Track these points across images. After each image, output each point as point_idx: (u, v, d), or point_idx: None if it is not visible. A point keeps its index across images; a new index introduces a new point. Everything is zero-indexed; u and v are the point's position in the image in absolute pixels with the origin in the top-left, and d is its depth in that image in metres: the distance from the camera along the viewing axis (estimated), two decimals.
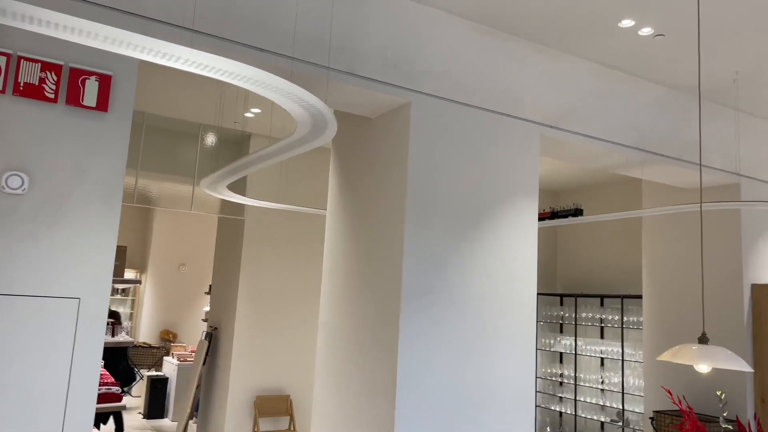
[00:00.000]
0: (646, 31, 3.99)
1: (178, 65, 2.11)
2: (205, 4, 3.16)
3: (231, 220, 6.87)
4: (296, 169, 6.75)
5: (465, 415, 3.79)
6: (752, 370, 2.24)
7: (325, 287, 4.61)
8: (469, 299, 3.90)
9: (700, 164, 2.63)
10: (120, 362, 5.33)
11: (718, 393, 2.24)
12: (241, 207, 6.52)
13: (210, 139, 6.67)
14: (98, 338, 2.79)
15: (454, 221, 3.90)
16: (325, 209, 5.70)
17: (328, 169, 6.93)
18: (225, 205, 6.85)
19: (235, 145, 7.03)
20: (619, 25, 3.93)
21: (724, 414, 2.31)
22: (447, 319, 3.80)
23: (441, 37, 3.94)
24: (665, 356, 2.24)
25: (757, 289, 5.24)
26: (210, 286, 8.34)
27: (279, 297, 6.58)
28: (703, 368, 2.16)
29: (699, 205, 4.52)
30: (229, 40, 3.19)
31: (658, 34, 4.02)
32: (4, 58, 2.69)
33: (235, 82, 2.23)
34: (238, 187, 6.33)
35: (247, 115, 5.91)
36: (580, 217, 5.71)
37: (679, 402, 2.47)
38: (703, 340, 2.23)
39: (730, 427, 2.30)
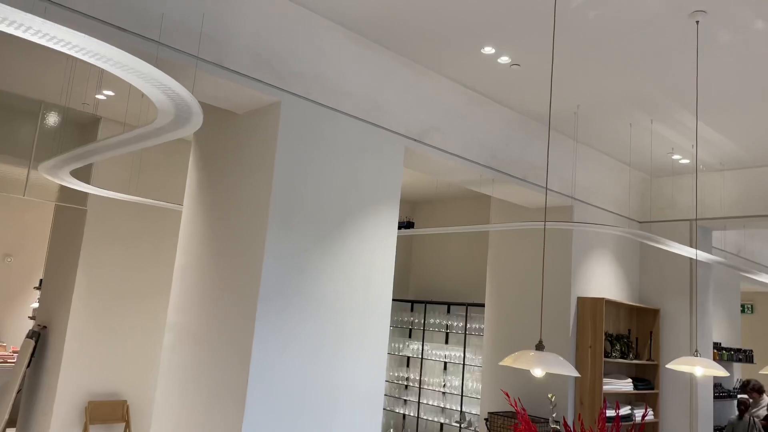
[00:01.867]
0: (504, 59, 4.30)
1: (28, 36, 1.90)
2: None
3: (70, 209, 6.28)
4: (150, 159, 6.35)
5: (314, 417, 3.80)
6: (579, 375, 2.50)
7: (176, 286, 4.39)
8: (326, 302, 3.92)
9: (546, 187, 2.89)
10: None
11: (549, 396, 2.48)
12: (83, 195, 5.99)
13: (52, 119, 6.07)
14: None
15: (318, 225, 3.91)
16: (181, 204, 5.43)
17: (185, 161, 6.60)
18: (64, 192, 6.26)
19: (82, 127, 6.46)
20: (482, 51, 4.20)
21: (554, 415, 2.55)
22: (303, 322, 3.79)
23: (315, 39, 3.94)
24: (506, 361, 2.42)
25: (581, 301, 5.85)
26: (41, 280, 7.56)
27: (121, 295, 6.13)
28: (539, 373, 2.38)
29: (543, 223, 4.94)
30: (87, 15, 2.93)
31: (515, 63, 4.35)
32: None
33: (96, 62, 2.06)
34: (81, 174, 5.82)
35: (99, 97, 5.46)
36: (435, 228, 5.99)
37: (515, 403, 2.69)
38: (539, 347, 2.45)
39: (558, 427, 2.55)
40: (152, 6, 3.16)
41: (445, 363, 7.66)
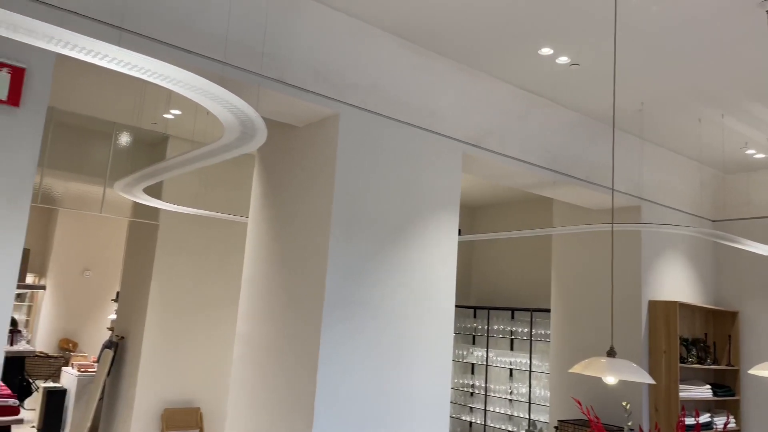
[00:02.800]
0: (563, 59, 4.23)
1: (105, 63, 2.02)
2: (131, 2, 3.04)
3: (143, 224, 6.58)
4: (216, 174, 6.58)
5: (381, 425, 3.82)
6: (654, 382, 2.42)
7: (244, 297, 4.52)
8: (390, 311, 3.94)
9: (612, 188, 2.82)
10: (15, 373, 4.94)
11: (624, 403, 2.40)
12: (155, 211, 6.27)
13: (124, 138, 6.39)
14: None
15: (378, 233, 3.95)
16: (246, 217, 5.59)
17: (249, 175, 6.80)
18: (137, 208, 6.57)
19: (151, 146, 6.76)
20: (539, 52, 4.15)
21: (629, 423, 2.47)
22: (368, 331, 3.83)
23: (370, 51, 3.99)
24: (577, 368, 2.37)
25: (652, 305, 5.64)
26: (117, 293, 7.93)
27: (193, 306, 6.36)
28: (611, 380, 2.31)
29: (611, 225, 4.81)
30: (156, 40, 3.08)
31: (574, 63, 4.27)
32: None
33: (167, 85, 2.16)
34: (153, 190, 6.09)
35: (167, 116, 5.71)
36: (496, 233, 5.92)
37: (588, 411, 2.62)
38: (611, 353, 2.38)
39: None
40: (216, 29, 3.29)
41: (511, 370, 7.54)
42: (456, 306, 8.06)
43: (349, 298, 3.76)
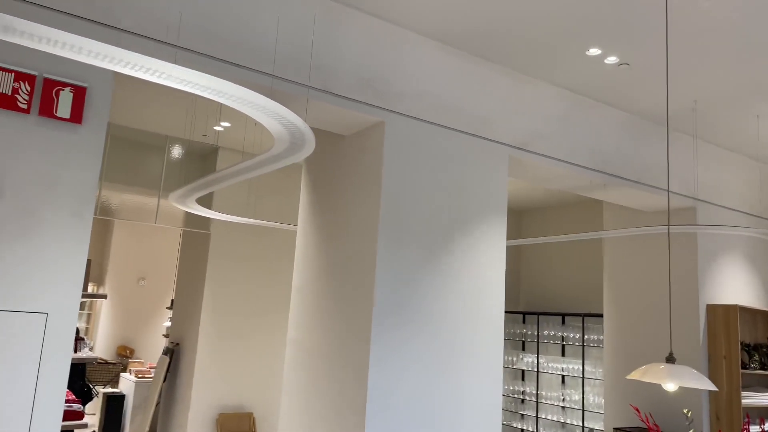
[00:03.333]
0: (611, 59, 4.15)
1: (162, 80, 2.10)
2: (184, 20, 3.15)
3: (196, 233, 6.77)
4: (264, 183, 6.72)
5: None
6: (716, 389, 2.34)
7: (294, 304, 4.59)
8: (439, 317, 3.94)
9: (668, 189, 2.74)
10: (76, 379, 5.15)
11: (685, 411, 2.33)
12: (206, 220, 6.44)
13: (177, 151, 6.59)
14: (66, 355, 2.72)
15: (426, 239, 3.95)
16: (294, 225, 5.68)
17: (297, 184, 6.91)
18: (189, 218, 6.76)
19: (202, 158, 6.96)
20: (587, 53, 4.08)
21: (691, 431, 2.40)
22: (417, 337, 3.83)
23: (415, 58, 4.01)
24: (635, 375, 2.32)
25: (711, 309, 5.45)
26: (172, 300, 8.16)
27: (244, 313, 6.50)
28: (671, 387, 2.25)
29: (666, 227, 4.68)
30: (208, 56, 3.18)
31: (623, 63, 4.18)
32: None
33: (220, 99, 2.23)
34: (204, 200, 6.25)
35: (217, 128, 5.86)
36: (545, 237, 5.84)
37: (647, 419, 2.56)
38: (670, 359, 2.32)
39: None
40: (265, 43, 3.37)
41: (563, 376, 7.40)
42: (505, 311, 7.96)
43: (398, 305, 3.77)
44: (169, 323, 8.68)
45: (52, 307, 2.73)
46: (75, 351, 4.92)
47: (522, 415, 7.79)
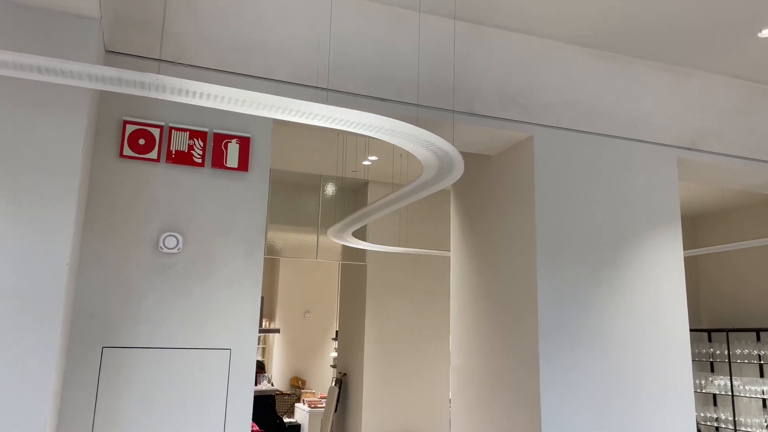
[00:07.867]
0: None
1: (317, 122, 2.20)
2: (331, 63, 3.31)
3: (353, 266, 7.01)
4: (414, 212, 6.80)
5: None
6: None
7: (455, 330, 4.53)
8: (613, 339, 3.65)
9: None
10: (265, 410, 5.49)
11: None
12: (362, 252, 6.64)
13: (330, 188, 6.92)
14: (249, 388, 2.90)
15: (589, 256, 3.71)
16: (447, 250, 5.66)
17: (446, 210, 6.92)
18: (346, 251, 7.02)
19: (353, 192, 7.23)
20: (759, 35, 3.64)
21: None
22: (591, 361, 3.58)
23: (559, 67, 3.84)
24: None
25: None
26: (336, 331, 8.50)
27: (405, 340, 6.56)
28: None
29: None
30: (355, 94, 3.30)
31: None
32: (158, 130, 2.95)
33: (370, 133, 2.28)
34: (358, 233, 6.46)
35: (365, 163, 6.07)
36: (728, 244, 5.24)
37: None
38: None
39: None
40: (407, 74, 3.43)
41: (764, 399, 6.51)
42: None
43: (565, 327, 3.56)
44: (335, 354, 9.03)
45: (234, 343, 2.93)
46: (256, 384, 5.28)
47: None
